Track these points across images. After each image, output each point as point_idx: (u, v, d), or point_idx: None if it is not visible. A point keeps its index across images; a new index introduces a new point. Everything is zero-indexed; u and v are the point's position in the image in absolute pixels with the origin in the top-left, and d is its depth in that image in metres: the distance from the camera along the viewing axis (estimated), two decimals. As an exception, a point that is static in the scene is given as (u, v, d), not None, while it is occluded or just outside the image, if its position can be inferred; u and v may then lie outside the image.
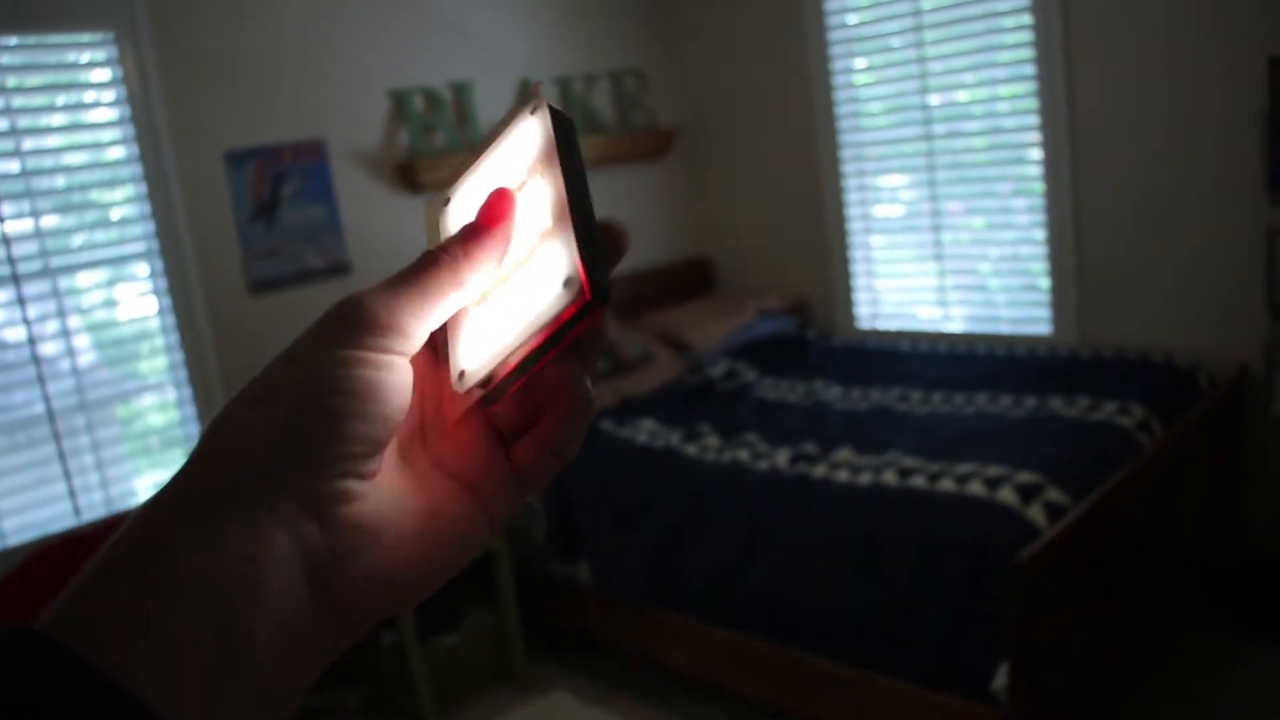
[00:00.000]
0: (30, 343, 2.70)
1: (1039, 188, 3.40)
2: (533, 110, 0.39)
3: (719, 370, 3.67)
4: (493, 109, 3.70)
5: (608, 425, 3.25)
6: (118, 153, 2.89)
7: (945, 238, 3.71)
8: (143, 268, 2.95)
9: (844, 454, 2.74)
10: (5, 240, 2.66)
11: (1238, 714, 2.52)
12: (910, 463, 2.58)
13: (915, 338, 3.82)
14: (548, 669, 3.17)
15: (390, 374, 0.34)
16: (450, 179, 0.43)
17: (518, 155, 0.39)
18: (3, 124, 2.67)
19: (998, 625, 2.10)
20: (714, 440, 3.03)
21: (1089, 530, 2.18)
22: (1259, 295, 2.92)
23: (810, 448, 2.83)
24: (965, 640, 2.19)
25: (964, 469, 2.46)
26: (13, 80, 2.73)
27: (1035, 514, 2.23)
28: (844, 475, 2.61)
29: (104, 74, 2.85)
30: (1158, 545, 2.57)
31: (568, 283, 0.35)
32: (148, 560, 0.31)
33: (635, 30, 4.25)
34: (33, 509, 2.73)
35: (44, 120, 2.81)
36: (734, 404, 3.38)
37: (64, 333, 2.79)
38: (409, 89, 3.46)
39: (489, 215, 0.38)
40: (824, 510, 2.54)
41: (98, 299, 2.93)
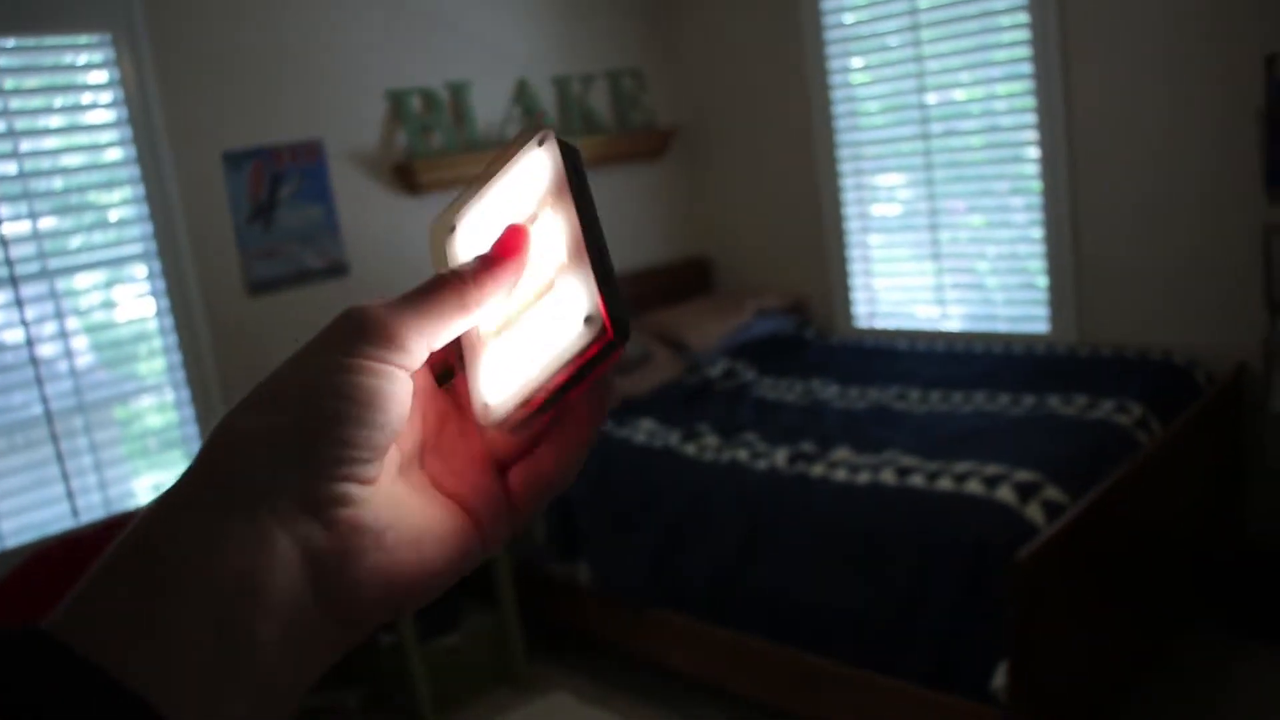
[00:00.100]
0: (28, 344, 2.70)
1: (1036, 186, 3.40)
2: (541, 142, 0.39)
3: (718, 370, 3.67)
4: (490, 109, 3.70)
5: (606, 425, 3.25)
6: (115, 154, 2.89)
7: (943, 236, 3.72)
8: (141, 269, 2.94)
9: (842, 453, 2.75)
10: (3, 242, 2.66)
11: (1237, 713, 2.53)
12: (908, 462, 2.58)
13: (913, 337, 3.83)
14: (547, 669, 3.17)
15: (391, 384, 0.35)
16: (455, 206, 0.44)
17: (527, 187, 0.40)
18: (0, 125, 2.67)
19: (997, 624, 2.10)
20: (713, 440, 3.03)
21: (1088, 529, 2.18)
22: (1257, 293, 2.93)
23: (809, 447, 2.83)
24: (964, 639, 2.19)
25: (962, 468, 2.46)
26: (10, 82, 2.72)
27: (1034, 513, 2.24)
28: (842, 474, 2.61)
29: (101, 75, 2.85)
30: (1156, 544, 2.57)
31: (589, 320, 0.35)
32: (151, 561, 0.31)
33: (633, 30, 4.25)
34: (31, 510, 2.73)
35: (42, 122, 2.81)
36: (733, 403, 3.38)
37: (62, 334, 2.79)
38: (406, 89, 3.46)
39: (504, 248, 0.39)
40: (823, 510, 2.54)
41: (96, 300, 2.93)
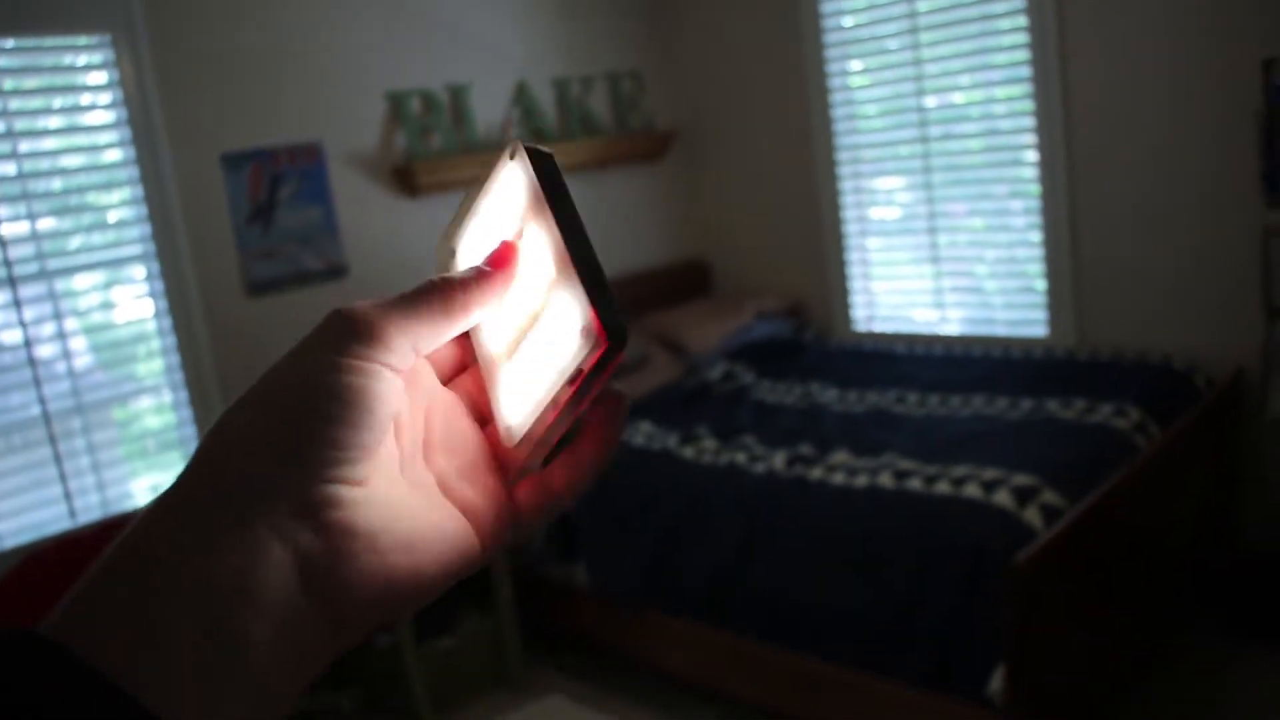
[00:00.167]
0: (27, 345, 2.70)
1: (1035, 190, 3.40)
2: (511, 155, 0.39)
3: (716, 372, 3.67)
4: (490, 111, 3.70)
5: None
6: (114, 155, 2.88)
7: (942, 240, 3.72)
8: (139, 270, 2.94)
9: (840, 456, 2.75)
10: (2, 242, 2.65)
11: (1235, 716, 2.53)
12: (907, 465, 2.58)
13: (911, 340, 3.83)
14: (544, 671, 3.16)
15: (378, 383, 0.35)
16: (452, 227, 0.44)
17: (508, 203, 0.40)
18: (0, 126, 2.68)
19: (994, 628, 2.10)
20: (711, 443, 3.03)
21: (1085, 533, 2.18)
22: (1256, 297, 2.93)
23: (807, 450, 2.83)
24: (962, 643, 2.19)
25: (960, 471, 2.46)
26: (9, 83, 2.72)
27: (1031, 516, 2.24)
28: (840, 478, 2.61)
29: (101, 76, 2.85)
30: (1154, 548, 2.57)
31: (584, 332, 0.35)
32: (147, 564, 0.31)
33: (632, 32, 4.25)
34: (29, 511, 2.72)
35: (41, 122, 2.81)
36: (731, 406, 3.38)
37: (60, 335, 2.78)
38: (406, 91, 3.46)
39: (494, 260, 0.40)
40: (821, 513, 2.54)
41: (94, 301, 2.93)
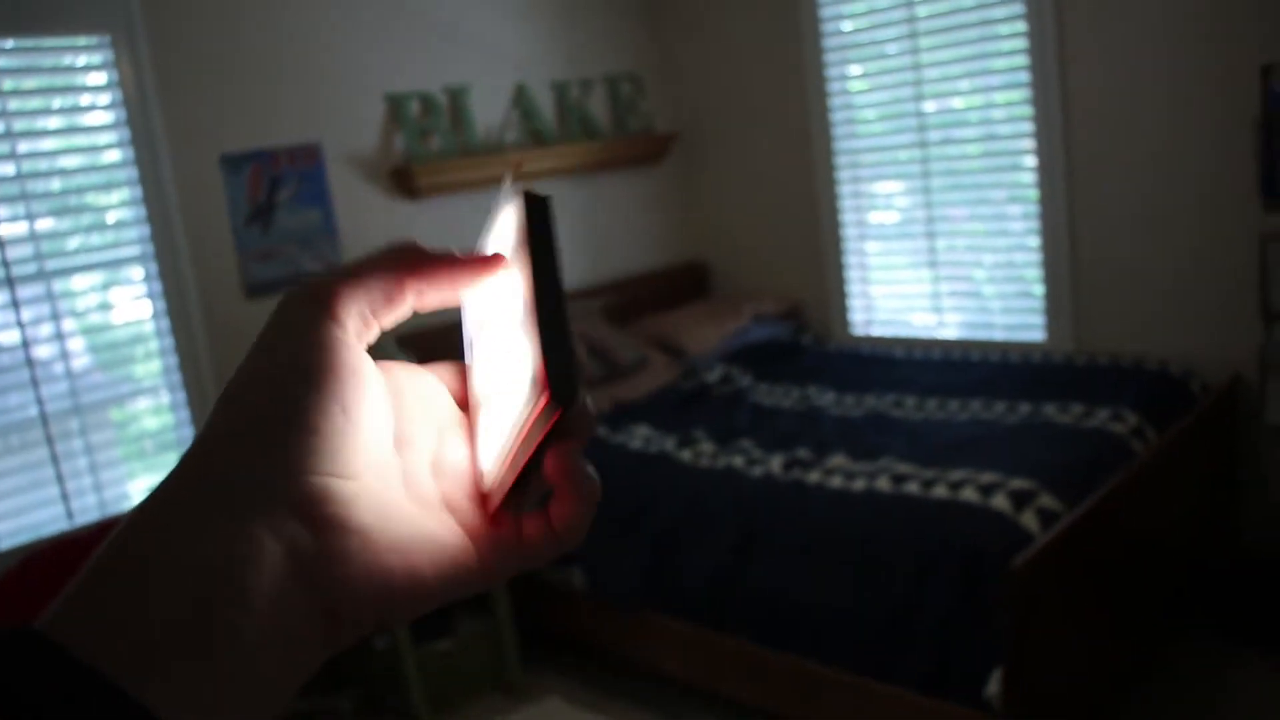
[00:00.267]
0: (24, 345, 2.70)
1: (1033, 194, 3.40)
2: (511, 194, 0.38)
3: (714, 375, 3.67)
4: (489, 114, 3.71)
5: (602, 431, 3.25)
6: (113, 156, 2.88)
7: (940, 244, 3.72)
8: (138, 271, 2.94)
9: (838, 460, 2.75)
10: (0, 243, 2.66)
11: (1233, 719, 2.53)
12: (904, 469, 2.58)
13: (909, 344, 3.83)
14: (541, 674, 3.16)
15: (334, 356, 0.34)
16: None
17: (504, 240, 0.39)
18: (-2, 127, 2.68)
19: (991, 632, 2.10)
20: (708, 446, 3.03)
21: (1082, 537, 2.19)
22: (1253, 302, 2.93)
23: (804, 453, 2.83)
24: (959, 647, 2.19)
25: (958, 475, 2.46)
26: (9, 83, 2.72)
27: (1028, 521, 2.24)
28: (838, 481, 2.61)
29: (100, 77, 2.85)
30: (1151, 552, 2.58)
31: (533, 382, 0.33)
32: (138, 560, 0.31)
33: (631, 35, 4.26)
34: (26, 512, 2.72)
35: (40, 123, 2.81)
36: (729, 409, 3.38)
37: (58, 336, 2.79)
38: (405, 93, 3.46)
39: (472, 255, 0.38)
40: (818, 516, 2.54)
41: (93, 302, 2.93)
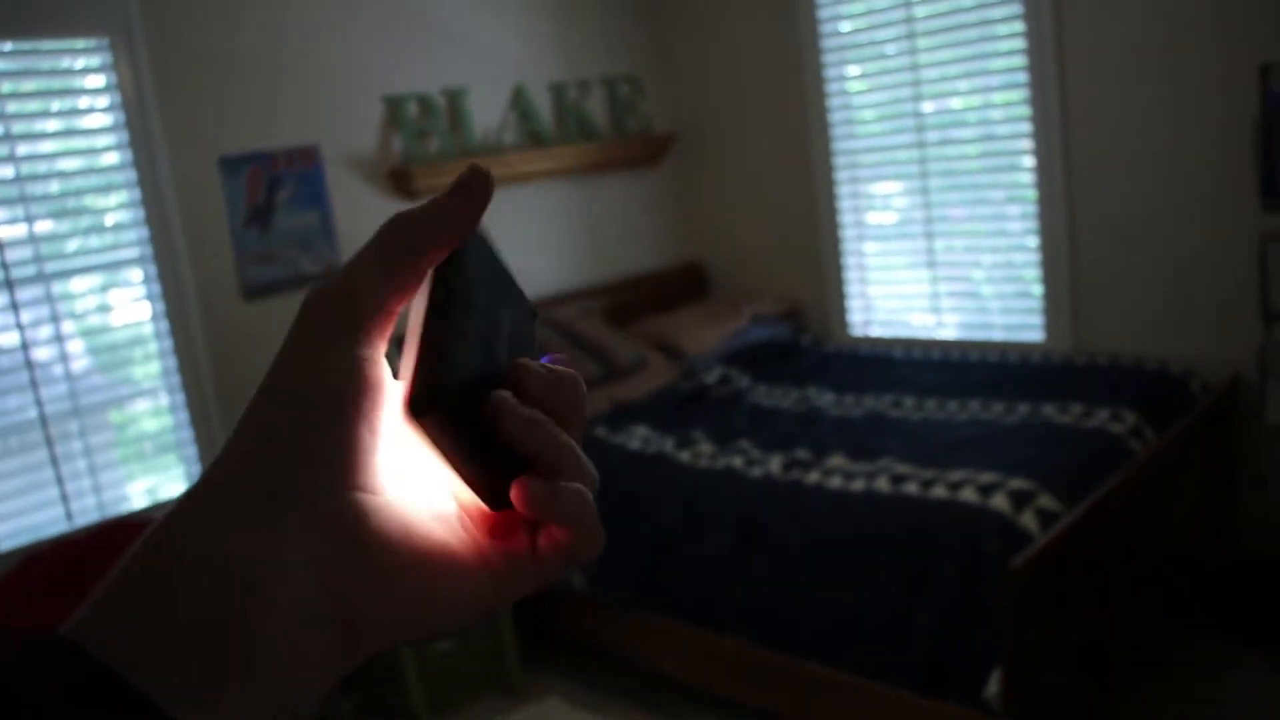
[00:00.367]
0: (24, 348, 2.70)
1: (1032, 195, 3.40)
2: None
3: (713, 376, 3.67)
4: (487, 115, 3.71)
5: (601, 431, 3.25)
6: (112, 158, 2.89)
7: (938, 244, 3.72)
8: (136, 273, 2.94)
9: (837, 460, 2.75)
10: (-1, 245, 2.66)
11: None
12: (903, 469, 2.58)
13: (908, 344, 3.83)
14: (541, 675, 3.16)
15: (360, 374, 0.34)
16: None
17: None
18: (-3, 129, 2.68)
19: (990, 632, 2.10)
20: (707, 446, 3.03)
21: (1081, 537, 2.19)
22: (1252, 302, 2.93)
23: (803, 454, 2.83)
24: (958, 647, 2.19)
25: (957, 476, 2.46)
26: (7, 86, 2.73)
27: (1028, 521, 2.24)
28: (837, 481, 2.61)
29: (98, 80, 2.85)
30: (1151, 552, 2.58)
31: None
32: (166, 568, 0.31)
33: (630, 36, 4.26)
34: (25, 514, 2.72)
35: (38, 126, 2.81)
36: (728, 410, 3.38)
37: (57, 338, 2.79)
38: (403, 95, 3.46)
39: (454, 186, 0.36)
40: (817, 516, 2.54)
41: (91, 304, 2.93)
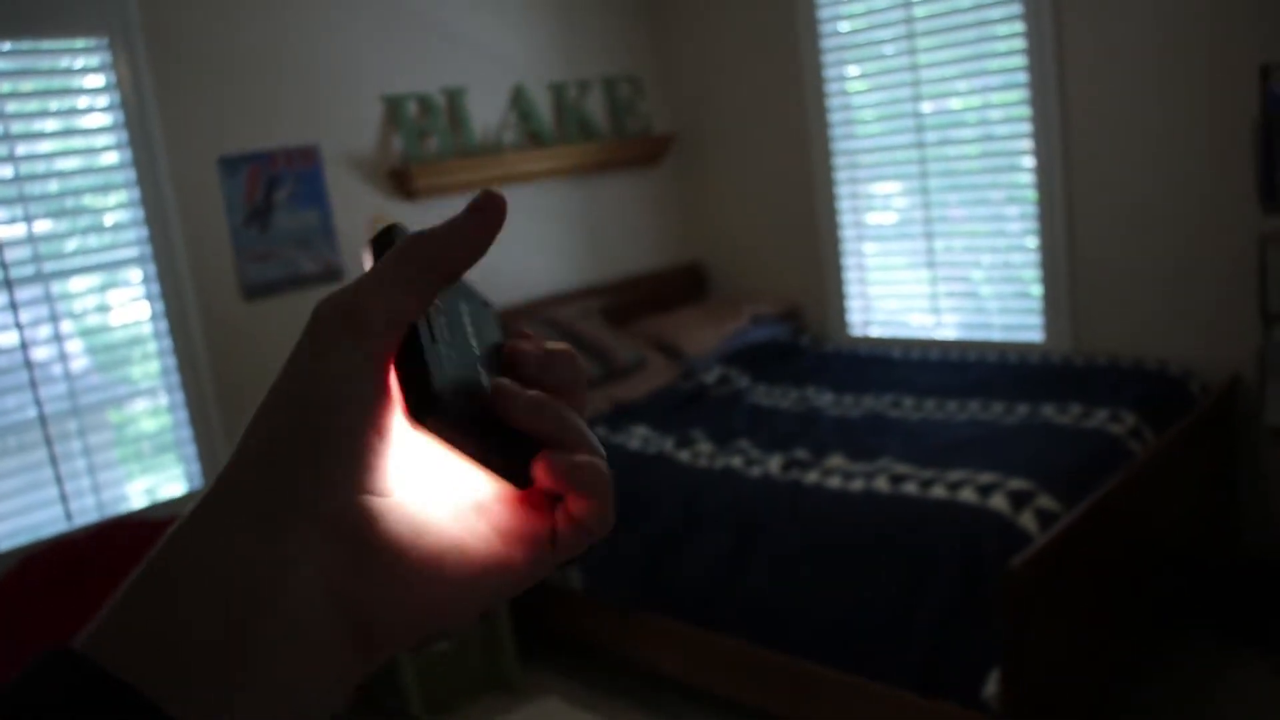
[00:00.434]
0: (22, 347, 2.70)
1: (1031, 195, 3.40)
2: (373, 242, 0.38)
3: (712, 376, 3.67)
4: (487, 115, 3.71)
5: (601, 431, 3.25)
6: (111, 158, 2.89)
7: (938, 245, 3.72)
8: (136, 273, 2.94)
9: (836, 460, 2.75)
10: (-2, 245, 2.66)
11: (1229, 721, 2.53)
12: (902, 469, 2.58)
13: (908, 345, 3.83)
14: (539, 674, 3.16)
15: (368, 380, 0.34)
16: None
17: None
18: (-4, 129, 2.68)
19: (989, 632, 2.10)
20: (707, 446, 3.03)
21: (1080, 537, 2.19)
22: (1252, 303, 2.93)
23: (802, 454, 2.83)
24: (957, 647, 2.19)
25: (956, 476, 2.46)
26: (6, 86, 2.73)
27: (1027, 521, 2.24)
28: (836, 481, 2.61)
29: (97, 79, 2.85)
30: (1150, 553, 2.58)
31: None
32: (178, 580, 0.31)
33: (630, 36, 4.26)
34: (24, 513, 2.72)
35: (37, 125, 2.81)
36: (727, 410, 3.38)
37: (56, 337, 2.79)
38: (403, 95, 3.46)
39: (474, 206, 0.36)
40: (816, 516, 2.54)
41: (90, 304, 2.93)
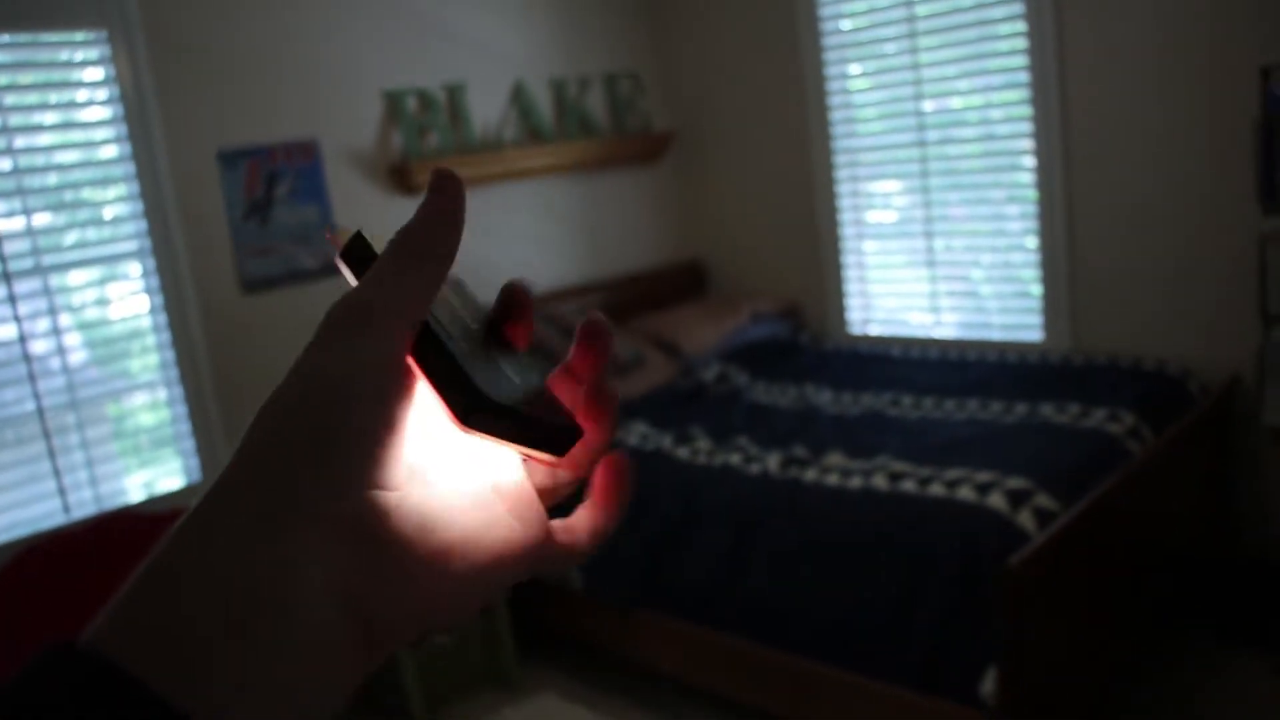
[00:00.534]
0: (21, 341, 2.70)
1: (1032, 195, 3.40)
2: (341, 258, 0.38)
3: (711, 374, 3.67)
4: (487, 111, 3.70)
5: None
6: (110, 151, 2.88)
7: (938, 244, 3.72)
8: (134, 266, 2.94)
9: (834, 458, 2.75)
10: (-4, 238, 2.66)
11: (1226, 720, 2.53)
12: (900, 467, 2.58)
13: (907, 343, 3.83)
14: (538, 672, 3.16)
15: (380, 378, 0.34)
16: None
17: None
18: (-5, 121, 2.67)
19: (987, 630, 2.10)
20: (705, 443, 3.03)
21: (1078, 536, 2.19)
22: (1251, 304, 2.92)
23: (801, 452, 2.83)
24: (954, 645, 2.19)
25: (954, 474, 2.46)
26: (5, 78, 2.72)
27: (1025, 520, 2.24)
28: (834, 479, 2.61)
29: (97, 72, 2.85)
30: (1148, 552, 2.58)
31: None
32: (184, 578, 0.31)
33: (630, 33, 4.26)
34: (22, 506, 2.72)
35: (36, 118, 2.81)
36: (726, 407, 3.38)
37: (55, 331, 2.78)
38: (403, 90, 3.46)
39: (432, 187, 0.37)
40: (814, 514, 2.55)
41: (89, 297, 2.93)
